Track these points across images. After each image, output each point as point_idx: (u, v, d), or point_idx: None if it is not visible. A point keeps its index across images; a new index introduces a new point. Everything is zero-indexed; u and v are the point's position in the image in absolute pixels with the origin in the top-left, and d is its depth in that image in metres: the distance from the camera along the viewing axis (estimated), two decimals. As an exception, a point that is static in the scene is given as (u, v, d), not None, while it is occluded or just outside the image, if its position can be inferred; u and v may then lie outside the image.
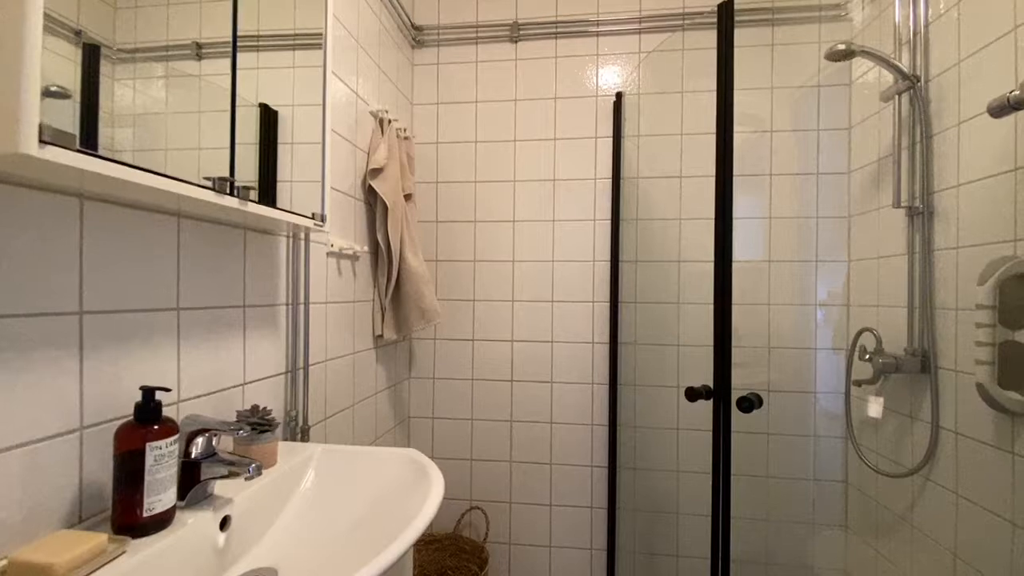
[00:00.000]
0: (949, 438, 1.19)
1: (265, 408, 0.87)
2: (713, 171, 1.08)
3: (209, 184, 0.66)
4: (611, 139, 1.75)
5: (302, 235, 1.12)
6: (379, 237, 1.50)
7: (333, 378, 1.28)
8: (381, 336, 1.55)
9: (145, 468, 0.58)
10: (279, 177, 0.86)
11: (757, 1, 1.68)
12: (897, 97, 1.32)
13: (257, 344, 0.97)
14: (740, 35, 1.60)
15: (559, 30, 1.78)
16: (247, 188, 0.74)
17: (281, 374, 1.06)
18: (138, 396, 0.63)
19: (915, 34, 1.30)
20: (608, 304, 1.74)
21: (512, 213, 1.80)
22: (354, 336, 1.41)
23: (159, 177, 0.57)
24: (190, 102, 0.67)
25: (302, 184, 0.93)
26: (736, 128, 1.22)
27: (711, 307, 1.12)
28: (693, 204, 1.70)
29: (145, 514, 0.59)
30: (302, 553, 0.75)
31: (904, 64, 1.30)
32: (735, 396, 1.12)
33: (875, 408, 1.30)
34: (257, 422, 0.83)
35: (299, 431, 1.09)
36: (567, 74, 1.79)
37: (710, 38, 1.67)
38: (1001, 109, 0.77)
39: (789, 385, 1.63)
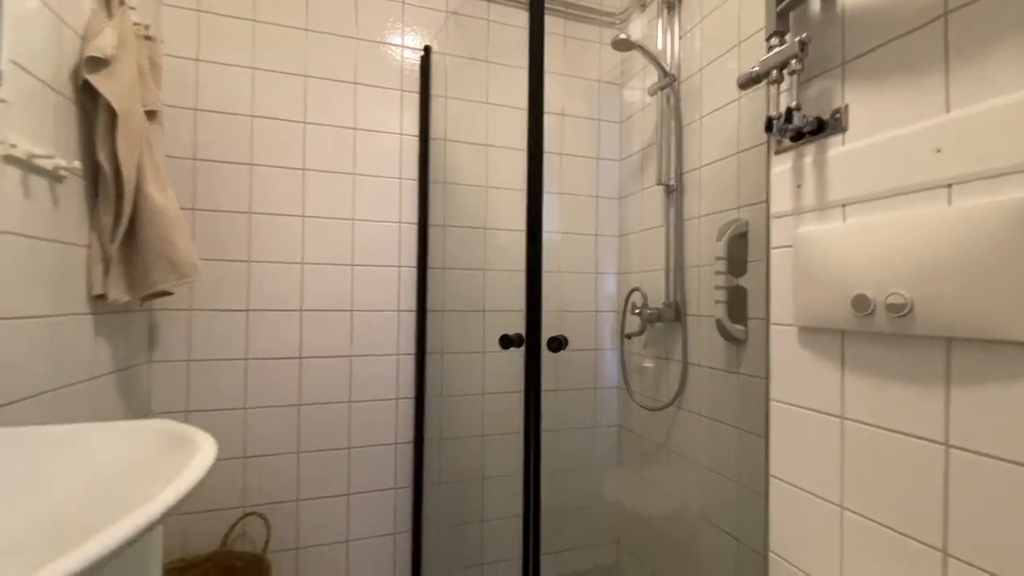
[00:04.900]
0: (695, 371, 1.46)
1: None
2: (517, 144, 1.10)
3: None
4: (418, 94, 1.66)
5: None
6: (101, 157, 1.08)
7: (8, 346, 0.85)
8: (103, 297, 1.11)
9: None
10: None
11: (553, -10, 1.81)
12: (660, 92, 1.58)
13: None
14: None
15: (361, -37, 1.60)
16: None
17: None
18: None
19: (671, 44, 1.58)
20: (416, 269, 1.63)
21: (302, 160, 1.54)
22: (55, 293, 0.97)
23: None
24: None
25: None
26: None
27: (516, 274, 1.12)
28: (499, 174, 1.72)
29: None
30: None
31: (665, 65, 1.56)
32: (545, 338, 1.14)
33: (649, 360, 1.53)
34: None
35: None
36: (371, 13, 1.62)
37: (513, 16, 1.74)
38: (748, 82, 0.95)
39: (579, 344, 1.80)
